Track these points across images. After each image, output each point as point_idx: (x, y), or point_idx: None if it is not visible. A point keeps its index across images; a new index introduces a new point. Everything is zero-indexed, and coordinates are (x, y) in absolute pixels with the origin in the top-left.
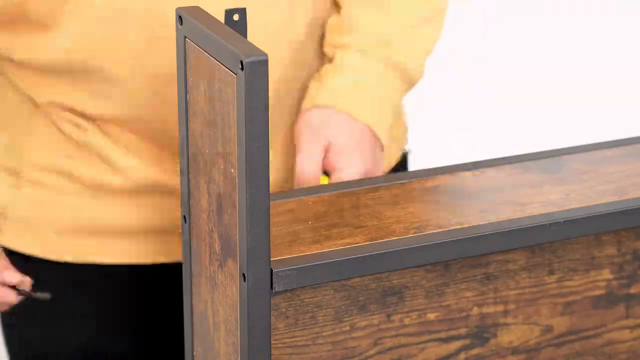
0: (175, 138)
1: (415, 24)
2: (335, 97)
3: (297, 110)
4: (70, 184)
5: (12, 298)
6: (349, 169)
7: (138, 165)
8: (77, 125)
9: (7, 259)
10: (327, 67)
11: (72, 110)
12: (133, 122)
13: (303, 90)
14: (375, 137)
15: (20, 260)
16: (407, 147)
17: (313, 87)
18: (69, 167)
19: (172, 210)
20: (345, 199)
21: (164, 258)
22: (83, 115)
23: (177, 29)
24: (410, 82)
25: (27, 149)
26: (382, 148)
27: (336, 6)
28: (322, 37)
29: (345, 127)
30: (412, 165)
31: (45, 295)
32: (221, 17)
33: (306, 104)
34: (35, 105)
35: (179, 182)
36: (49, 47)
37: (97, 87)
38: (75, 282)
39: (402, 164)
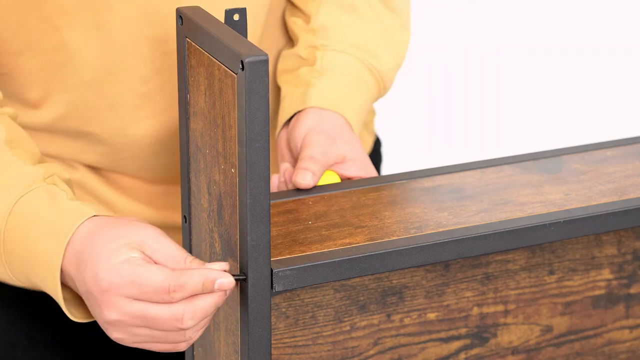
0: (177, 175)
1: (388, 34)
2: (324, 99)
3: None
4: None
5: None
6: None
7: (136, 206)
8: (66, 162)
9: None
10: (308, 70)
11: (62, 158)
12: (131, 170)
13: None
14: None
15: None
16: (376, 131)
17: (297, 91)
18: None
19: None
20: (345, 198)
21: None
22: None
23: (178, 29)
24: (380, 91)
25: None
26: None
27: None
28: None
29: (341, 128)
30: (414, 166)
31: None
32: (221, 17)
33: (295, 107)
34: None
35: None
36: (36, 117)
37: (90, 145)
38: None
39: (375, 150)
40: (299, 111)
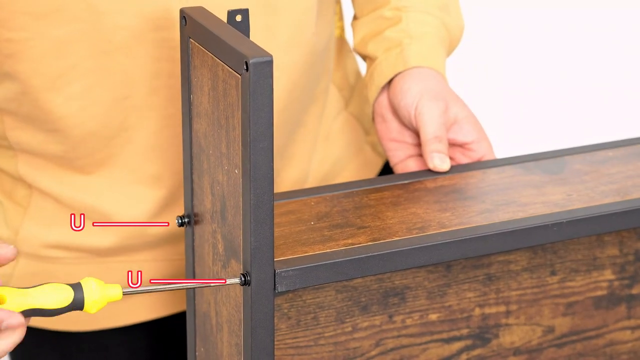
0: (176, 183)
1: None
2: (423, 57)
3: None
4: (68, 254)
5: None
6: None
7: (137, 218)
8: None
9: None
10: (394, 31)
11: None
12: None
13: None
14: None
15: (31, 334)
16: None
17: (391, 53)
18: (67, 239)
19: (181, 258)
20: (347, 199)
21: (178, 308)
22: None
23: (181, 29)
24: (450, 51)
25: (25, 221)
26: None
27: None
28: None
29: (445, 87)
30: None
31: None
32: (224, 17)
33: (395, 68)
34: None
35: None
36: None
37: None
38: (92, 350)
39: (386, 168)
40: (398, 73)
